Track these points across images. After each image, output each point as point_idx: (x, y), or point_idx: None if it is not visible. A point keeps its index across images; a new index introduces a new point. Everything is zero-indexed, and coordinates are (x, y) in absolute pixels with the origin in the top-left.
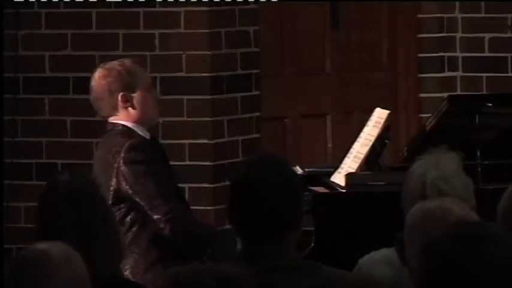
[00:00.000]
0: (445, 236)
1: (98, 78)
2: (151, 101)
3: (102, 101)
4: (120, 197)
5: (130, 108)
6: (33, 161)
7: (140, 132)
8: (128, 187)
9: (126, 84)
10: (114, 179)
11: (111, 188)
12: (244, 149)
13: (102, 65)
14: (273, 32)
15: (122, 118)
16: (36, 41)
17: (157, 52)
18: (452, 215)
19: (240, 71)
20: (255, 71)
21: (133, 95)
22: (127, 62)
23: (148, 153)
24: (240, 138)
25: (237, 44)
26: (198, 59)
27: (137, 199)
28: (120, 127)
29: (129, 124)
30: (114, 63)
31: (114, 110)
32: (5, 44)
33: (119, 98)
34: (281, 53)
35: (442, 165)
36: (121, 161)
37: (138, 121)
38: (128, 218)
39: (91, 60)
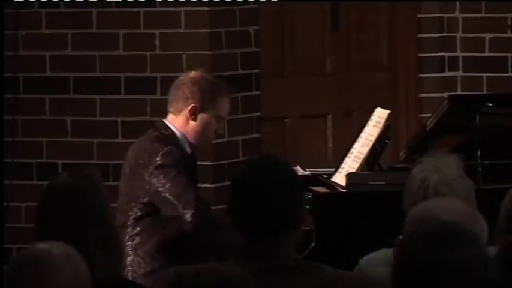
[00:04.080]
0: (411, 235)
1: (190, 78)
2: (211, 131)
3: (176, 95)
4: (143, 198)
5: (191, 121)
6: (33, 161)
7: (183, 144)
8: (160, 186)
9: (204, 101)
10: (145, 179)
11: (137, 185)
12: (244, 149)
13: (203, 70)
14: (273, 32)
15: (177, 124)
16: (36, 41)
17: (157, 52)
18: (455, 213)
19: (240, 71)
20: (255, 71)
21: (202, 113)
22: (224, 86)
23: (181, 158)
24: (240, 138)
25: (237, 44)
26: (198, 59)
27: (169, 197)
28: (169, 132)
29: (178, 133)
30: (212, 80)
31: (178, 111)
32: (5, 44)
33: (189, 106)
34: (281, 53)
35: (443, 169)
36: (156, 165)
37: (189, 135)
38: (143, 221)
39: (91, 60)
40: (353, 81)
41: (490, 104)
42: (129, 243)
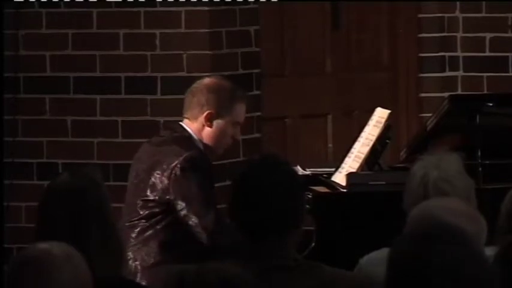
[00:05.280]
0: (407, 234)
1: (205, 84)
2: (228, 136)
3: (191, 102)
4: (160, 196)
5: (206, 127)
6: (34, 160)
7: (199, 145)
8: (179, 195)
9: (220, 107)
10: (163, 178)
11: (155, 183)
12: (244, 149)
13: (220, 77)
14: (273, 32)
15: (194, 128)
16: (36, 41)
17: (158, 52)
18: (457, 215)
19: (240, 71)
20: (255, 71)
21: (219, 120)
22: (240, 92)
23: (203, 167)
24: (241, 138)
25: (237, 44)
26: (198, 59)
27: (187, 207)
28: (186, 134)
29: (195, 136)
30: (229, 85)
31: (193, 118)
32: (5, 44)
33: (205, 113)
34: (281, 53)
35: (443, 166)
36: (178, 170)
37: (205, 141)
38: (158, 217)
39: (92, 60)
40: (353, 81)
41: (490, 104)
42: (140, 235)
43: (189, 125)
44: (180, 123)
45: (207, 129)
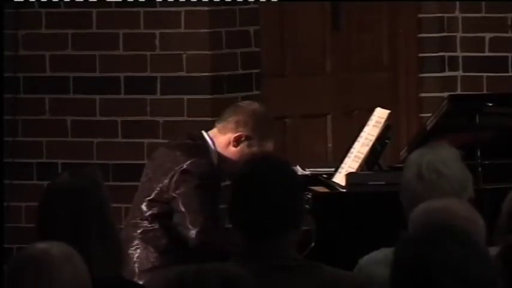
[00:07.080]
0: (410, 235)
1: (252, 108)
2: None
3: (229, 116)
4: (164, 198)
5: (232, 146)
6: (33, 160)
7: (213, 157)
8: (177, 194)
9: (252, 136)
10: (167, 180)
11: (160, 185)
12: None
13: (263, 107)
14: (273, 32)
15: (218, 140)
16: (36, 41)
17: (157, 52)
18: (457, 216)
19: (240, 71)
20: (255, 71)
21: (245, 144)
22: (275, 130)
23: (207, 172)
24: None
25: (237, 44)
26: (198, 59)
27: (181, 207)
28: (204, 144)
29: (212, 148)
30: (271, 120)
31: (224, 131)
32: (5, 44)
33: (237, 133)
34: (281, 53)
35: (440, 152)
36: (181, 170)
37: (224, 154)
38: (160, 219)
39: (91, 60)
40: (353, 81)
41: (490, 104)
42: (141, 236)
43: (214, 136)
44: (203, 132)
45: (231, 149)
